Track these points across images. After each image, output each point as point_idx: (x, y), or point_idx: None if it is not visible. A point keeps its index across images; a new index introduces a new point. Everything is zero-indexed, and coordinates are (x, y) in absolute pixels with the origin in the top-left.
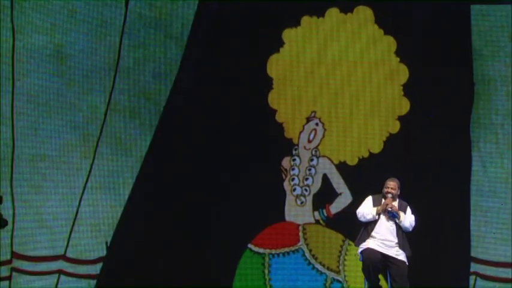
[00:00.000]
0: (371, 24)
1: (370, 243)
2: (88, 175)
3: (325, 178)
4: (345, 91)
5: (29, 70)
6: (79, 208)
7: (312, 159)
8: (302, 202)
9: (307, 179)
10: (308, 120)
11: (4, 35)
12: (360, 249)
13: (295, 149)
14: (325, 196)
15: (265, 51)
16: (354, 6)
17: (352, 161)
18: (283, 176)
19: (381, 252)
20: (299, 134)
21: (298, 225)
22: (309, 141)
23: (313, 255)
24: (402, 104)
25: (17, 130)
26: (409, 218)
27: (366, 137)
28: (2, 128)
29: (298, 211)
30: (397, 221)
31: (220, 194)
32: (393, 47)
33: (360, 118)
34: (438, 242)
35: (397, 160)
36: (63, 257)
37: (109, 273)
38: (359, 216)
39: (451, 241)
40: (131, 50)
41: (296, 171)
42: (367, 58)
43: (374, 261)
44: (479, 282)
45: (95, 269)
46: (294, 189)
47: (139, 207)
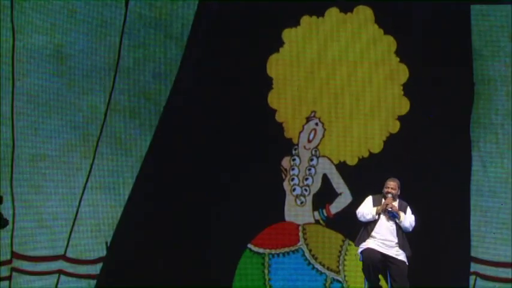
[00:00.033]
0: (371, 24)
1: (370, 243)
2: (88, 175)
3: (325, 178)
4: (345, 91)
5: (29, 70)
6: (79, 208)
7: (312, 159)
8: (302, 202)
9: (307, 179)
10: (308, 120)
11: (4, 35)
12: (360, 249)
13: (295, 149)
14: (325, 196)
15: (265, 51)
16: (354, 6)
17: (352, 161)
18: (283, 176)
19: (381, 252)
20: (299, 134)
21: (298, 225)
22: (309, 141)
23: (313, 255)
24: (402, 104)
25: (17, 130)
26: (409, 218)
27: (366, 137)
28: (2, 128)
29: (298, 211)
30: (397, 221)
31: (220, 194)
32: (393, 47)
33: (360, 118)
34: (438, 242)
35: (397, 160)
36: (63, 257)
37: (109, 273)
38: (359, 216)
39: (451, 241)
40: (131, 50)
41: (296, 171)
42: (367, 58)
43: (374, 261)
44: (479, 282)
45: (95, 269)
46: (294, 189)
47: (139, 207)
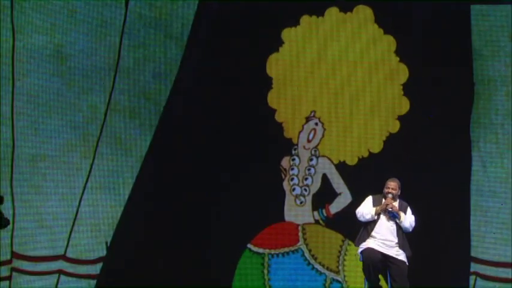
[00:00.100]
0: (371, 23)
1: (370, 243)
2: (88, 175)
3: (324, 178)
4: (345, 90)
5: (29, 70)
6: (79, 208)
7: (312, 159)
8: (301, 202)
9: (306, 179)
10: (307, 120)
11: (4, 35)
12: (360, 249)
13: (294, 149)
14: (324, 196)
15: (265, 51)
16: (354, 5)
17: (351, 161)
18: (282, 176)
19: (381, 252)
20: (298, 134)
21: (297, 225)
22: (309, 141)
23: (312, 255)
24: (402, 104)
25: (17, 130)
26: (409, 219)
27: (366, 137)
28: (2, 128)
29: (297, 211)
30: (398, 222)
31: (220, 194)
32: (393, 47)
33: (360, 118)
34: (438, 242)
35: (397, 160)
36: (63, 257)
37: (109, 273)
38: (358, 215)
39: (451, 241)
40: (131, 50)
41: (295, 171)
42: (366, 57)
43: (374, 261)
44: (479, 282)
45: (95, 269)
46: (294, 189)
47: (139, 207)
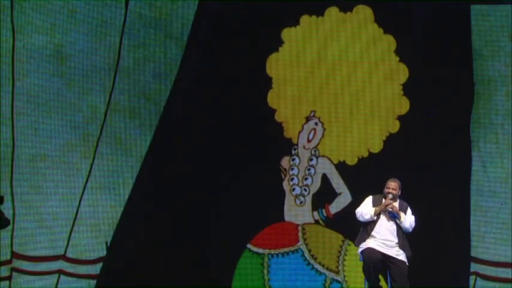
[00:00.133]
0: (371, 23)
1: (370, 243)
2: (88, 175)
3: (324, 178)
4: (345, 90)
5: (29, 70)
6: (79, 208)
7: (312, 159)
8: (301, 202)
9: (306, 179)
10: (307, 119)
11: (4, 35)
12: (360, 249)
13: (294, 149)
14: (324, 196)
15: (265, 50)
16: (354, 5)
17: (351, 161)
18: (282, 176)
19: (381, 252)
20: (298, 134)
21: (297, 225)
22: (308, 140)
23: (312, 255)
24: (402, 104)
25: (17, 130)
26: (410, 219)
27: (366, 137)
28: (2, 128)
29: (297, 211)
30: (398, 222)
31: (220, 194)
32: (393, 46)
33: (360, 118)
34: (438, 242)
35: (397, 160)
36: (63, 257)
37: (109, 273)
38: (357, 215)
39: (451, 241)
40: (131, 50)
41: (295, 171)
42: (366, 57)
43: (374, 260)
44: (479, 282)
45: (95, 269)
46: (293, 189)
47: (139, 207)
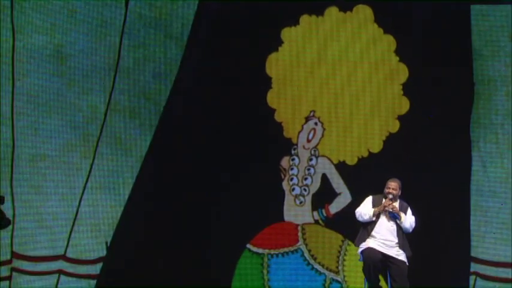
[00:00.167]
0: (370, 23)
1: (370, 242)
2: (88, 175)
3: (324, 178)
4: (345, 90)
5: (29, 70)
6: (79, 208)
7: (311, 158)
8: (301, 202)
9: (306, 179)
10: (307, 119)
11: (4, 35)
12: (360, 249)
13: (294, 149)
14: (324, 196)
15: (265, 50)
16: (354, 5)
17: (351, 161)
18: (282, 176)
19: (382, 252)
20: (298, 134)
21: (297, 225)
22: (308, 140)
23: (312, 255)
24: (402, 104)
25: (17, 130)
26: (410, 219)
27: (366, 137)
28: (2, 128)
29: (297, 211)
30: (398, 222)
31: (220, 194)
32: (393, 46)
33: (360, 117)
34: (438, 242)
35: (397, 160)
36: (63, 257)
37: (109, 273)
38: (357, 215)
39: (451, 241)
40: (131, 50)
41: (295, 171)
42: (366, 57)
43: (375, 260)
44: (479, 282)
45: (95, 269)
46: (293, 189)
47: (139, 207)
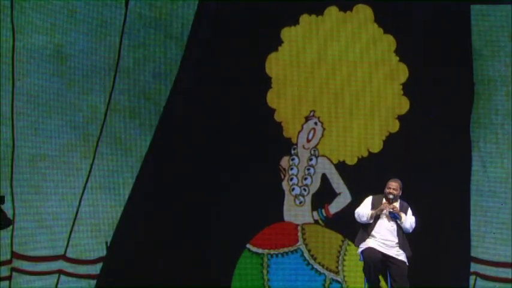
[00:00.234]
0: (370, 22)
1: (370, 242)
2: (88, 175)
3: (324, 178)
4: (345, 90)
5: (29, 70)
6: (79, 208)
7: (311, 158)
8: (301, 202)
9: (306, 179)
10: (307, 119)
11: (4, 35)
12: (360, 249)
13: (293, 149)
14: (324, 196)
15: (264, 50)
16: (353, 4)
17: (351, 161)
18: (281, 176)
19: (382, 252)
20: (298, 134)
21: (297, 225)
22: (308, 140)
23: (312, 255)
24: (402, 103)
25: (17, 130)
26: (410, 220)
27: (366, 137)
28: (2, 128)
29: (297, 211)
30: (399, 222)
31: (220, 194)
32: (393, 46)
33: (360, 117)
34: (438, 242)
35: (397, 160)
36: (63, 257)
37: (109, 273)
38: (356, 216)
39: (451, 241)
40: (131, 50)
41: (295, 170)
42: (366, 57)
43: (375, 260)
44: (479, 282)
45: (95, 269)
46: (293, 189)
47: (139, 207)
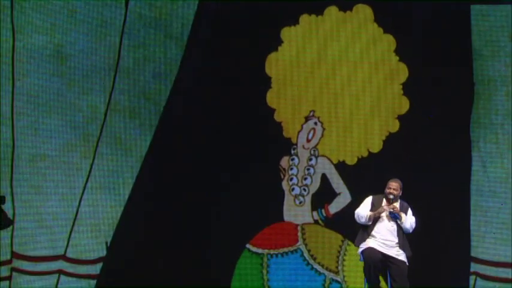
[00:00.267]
0: (370, 22)
1: (370, 242)
2: (88, 175)
3: (324, 178)
4: (344, 90)
5: (29, 70)
6: (79, 208)
7: (311, 158)
8: (301, 202)
9: (305, 179)
10: (307, 119)
11: (4, 35)
12: (360, 249)
13: (293, 149)
14: (324, 196)
15: (264, 50)
16: (353, 4)
17: (351, 161)
18: (281, 176)
19: (382, 252)
20: (298, 134)
21: (296, 225)
22: (308, 140)
23: (312, 255)
24: (402, 103)
25: (17, 130)
26: (410, 220)
27: (366, 137)
28: (2, 128)
29: (297, 211)
30: (399, 222)
31: (220, 194)
32: (393, 46)
33: (360, 117)
34: (438, 242)
35: (397, 160)
36: (63, 257)
37: (109, 273)
38: (355, 217)
39: (451, 241)
40: (131, 50)
41: (295, 170)
42: (366, 57)
43: (375, 260)
44: (479, 282)
45: (95, 269)
46: (293, 189)
47: (139, 207)
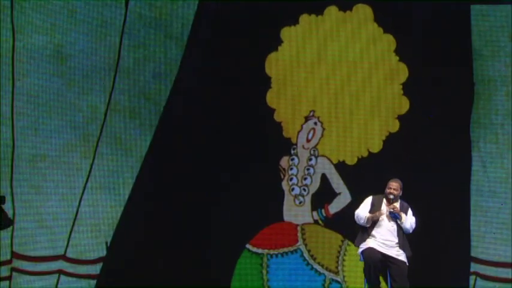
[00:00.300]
0: (370, 22)
1: (370, 242)
2: (88, 175)
3: (324, 178)
4: (344, 90)
5: (29, 70)
6: (79, 208)
7: (311, 158)
8: (301, 202)
9: (305, 179)
10: (306, 119)
11: (4, 35)
12: (360, 249)
13: (293, 149)
14: (324, 196)
15: (264, 50)
16: (353, 4)
17: (351, 161)
18: (281, 176)
19: (382, 252)
20: (297, 134)
21: (296, 225)
22: (308, 140)
23: (311, 255)
24: (402, 103)
25: (17, 130)
26: (410, 220)
27: (366, 137)
28: (2, 128)
29: (296, 211)
30: (399, 222)
31: (220, 194)
32: (393, 46)
33: (360, 117)
34: (438, 242)
35: (397, 160)
36: (63, 257)
37: (109, 273)
38: (355, 217)
39: (451, 241)
40: (131, 50)
41: (295, 170)
42: (366, 57)
43: (375, 260)
44: (479, 282)
45: (95, 269)
46: (293, 189)
47: (139, 207)
